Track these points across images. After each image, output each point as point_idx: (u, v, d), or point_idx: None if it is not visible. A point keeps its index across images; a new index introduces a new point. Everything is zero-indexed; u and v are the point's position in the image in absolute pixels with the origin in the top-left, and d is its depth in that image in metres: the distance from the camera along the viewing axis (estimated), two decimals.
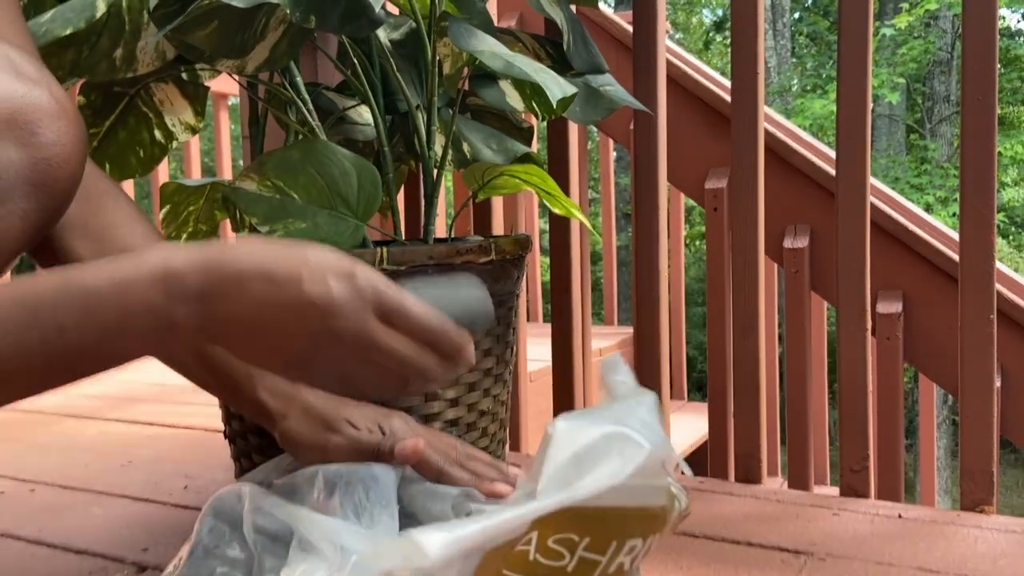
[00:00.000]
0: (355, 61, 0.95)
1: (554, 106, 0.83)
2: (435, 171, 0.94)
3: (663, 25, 1.23)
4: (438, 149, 0.96)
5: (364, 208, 0.84)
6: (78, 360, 0.52)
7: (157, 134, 1.01)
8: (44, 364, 0.50)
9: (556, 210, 1.02)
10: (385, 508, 0.64)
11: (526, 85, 0.93)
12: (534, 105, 0.95)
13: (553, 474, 0.50)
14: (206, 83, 1.02)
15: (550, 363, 1.32)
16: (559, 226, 1.30)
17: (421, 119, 0.94)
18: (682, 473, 0.57)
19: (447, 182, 1.45)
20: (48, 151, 0.56)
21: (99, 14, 0.77)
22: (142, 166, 1.01)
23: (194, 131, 1.03)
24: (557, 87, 0.80)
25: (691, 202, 1.90)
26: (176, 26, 0.73)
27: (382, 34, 0.97)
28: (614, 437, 0.51)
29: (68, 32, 0.74)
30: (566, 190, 1.29)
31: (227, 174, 2.22)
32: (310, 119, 0.91)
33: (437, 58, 0.95)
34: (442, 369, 0.57)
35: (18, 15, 0.67)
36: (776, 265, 1.91)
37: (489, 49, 0.83)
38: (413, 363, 0.55)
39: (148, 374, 2.05)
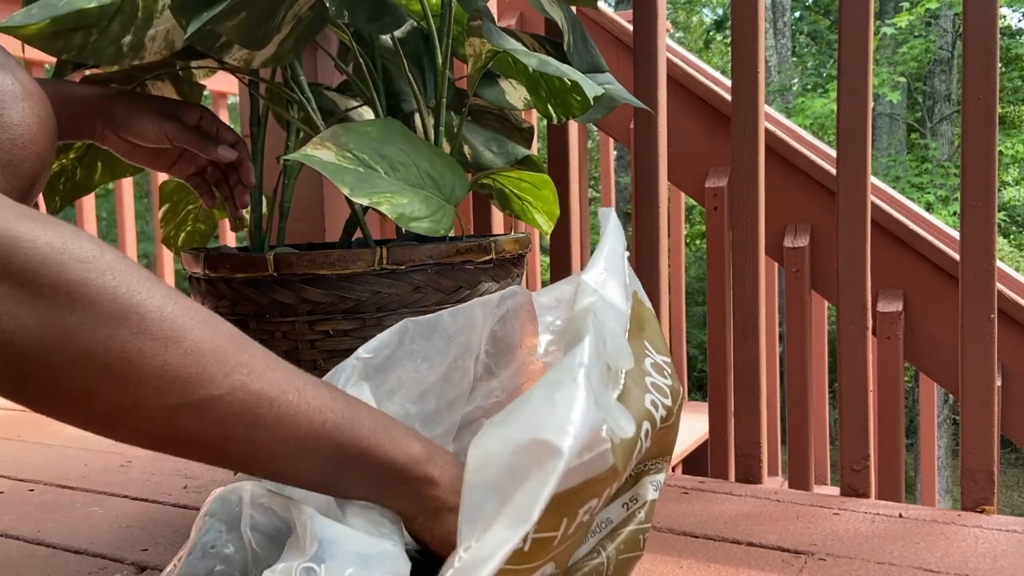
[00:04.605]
0: (359, 61, 0.95)
1: (591, 103, 0.83)
2: None
3: (663, 24, 1.22)
4: (445, 150, 0.95)
5: (452, 191, 0.83)
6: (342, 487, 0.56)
7: None
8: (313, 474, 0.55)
9: (524, 220, 1.01)
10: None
11: (542, 88, 0.92)
12: (550, 108, 0.95)
13: (469, 517, 0.47)
14: (205, 82, 1.02)
15: None
16: (559, 226, 1.30)
17: (429, 120, 0.94)
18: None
19: None
20: (13, 131, 0.57)
21: None
22: (132, 165, 1.01)
23: None
24: (590, 87, 0.80)
25: (691, 201, 1.90)
26: (209, 17, 0.72)
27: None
28: (530, 447, 0.48)
29: (92, 6, 0.73)
30: (566, 190, 1.29)
31: None
32: (314, 117, 0.91)
33: (450, 58, 0.94)
34: None
35: None
36: (776, 264, 1.90)
37: (518, 48, 0.83)
38: None
39: None
